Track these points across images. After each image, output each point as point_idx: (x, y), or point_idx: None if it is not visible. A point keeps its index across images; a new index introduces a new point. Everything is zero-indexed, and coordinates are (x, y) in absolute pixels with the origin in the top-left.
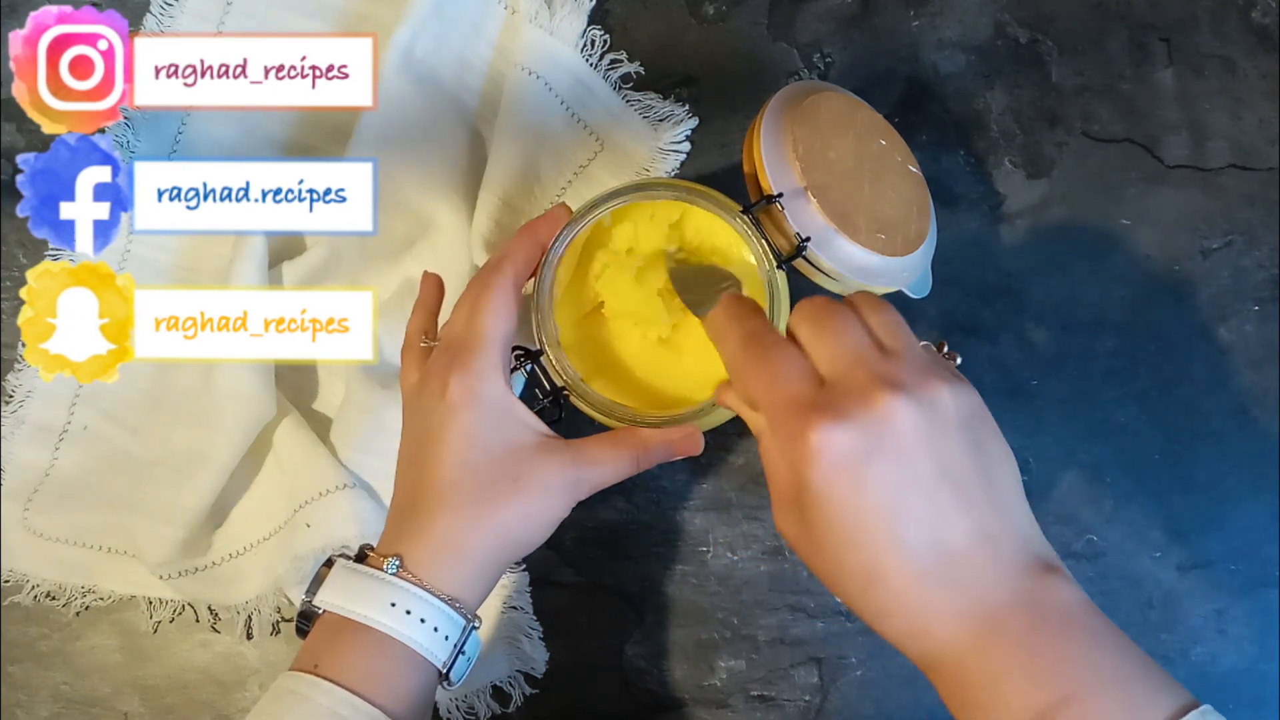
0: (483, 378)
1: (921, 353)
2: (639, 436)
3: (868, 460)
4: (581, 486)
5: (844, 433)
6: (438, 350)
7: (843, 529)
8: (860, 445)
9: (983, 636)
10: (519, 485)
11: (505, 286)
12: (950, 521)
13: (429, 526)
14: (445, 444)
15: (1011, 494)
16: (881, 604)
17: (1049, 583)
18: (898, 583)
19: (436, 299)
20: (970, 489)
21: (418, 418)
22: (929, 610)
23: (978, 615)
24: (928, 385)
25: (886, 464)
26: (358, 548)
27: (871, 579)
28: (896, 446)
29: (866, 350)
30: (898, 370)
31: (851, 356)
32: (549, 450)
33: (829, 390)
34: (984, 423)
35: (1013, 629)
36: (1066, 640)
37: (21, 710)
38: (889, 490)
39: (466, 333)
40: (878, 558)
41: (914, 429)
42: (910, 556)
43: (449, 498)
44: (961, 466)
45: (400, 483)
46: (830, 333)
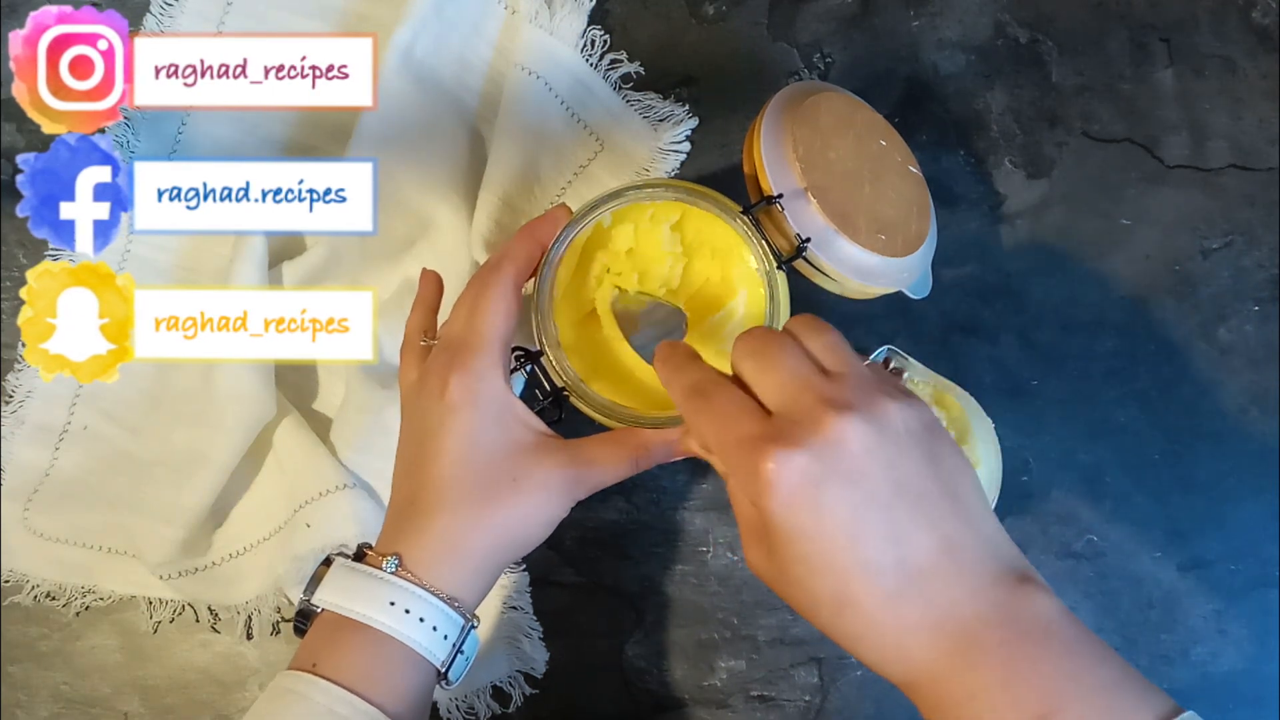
0: (482, 377)
1: (865, 371)
2: (638, 437)
3: (823, 484)
4: (580, 486)
5: (796, 460)
6: (437, 349)
7: (808, 557)
8: (814, 470)
9: (958, 652)
10: (518, 485)
11: (505, 286)
12: (912, 537)
13: (428, 525)
14: (444, 443)
15: (975, 505)
16: (854, 628)
17: (1023, 593)
18: (868, 605)
19: (436, 297)
20: (930, 503)
21: (416, 416)
22: (901, 629)
23: (951, 630)
24: (875, 403)
25: (841, 486)
26: (356, 547)
27: (842, 604)
28: (850, 467)
29: (809, 375)
30: (843, 391)
31: (795, 384)
32: (548, 450)
33: (777, 421)
34: (937, 436)
35: (988, 643)
36: (1044, 652)
37: (21, 710)
38: (847, 512)
39: (466, 332)
40: (845, 582)
41: (865, 448)
42: (877, 577)
43: (448, 497)
44: (918, 481)
45: (398, 482)
46: (770, 363)
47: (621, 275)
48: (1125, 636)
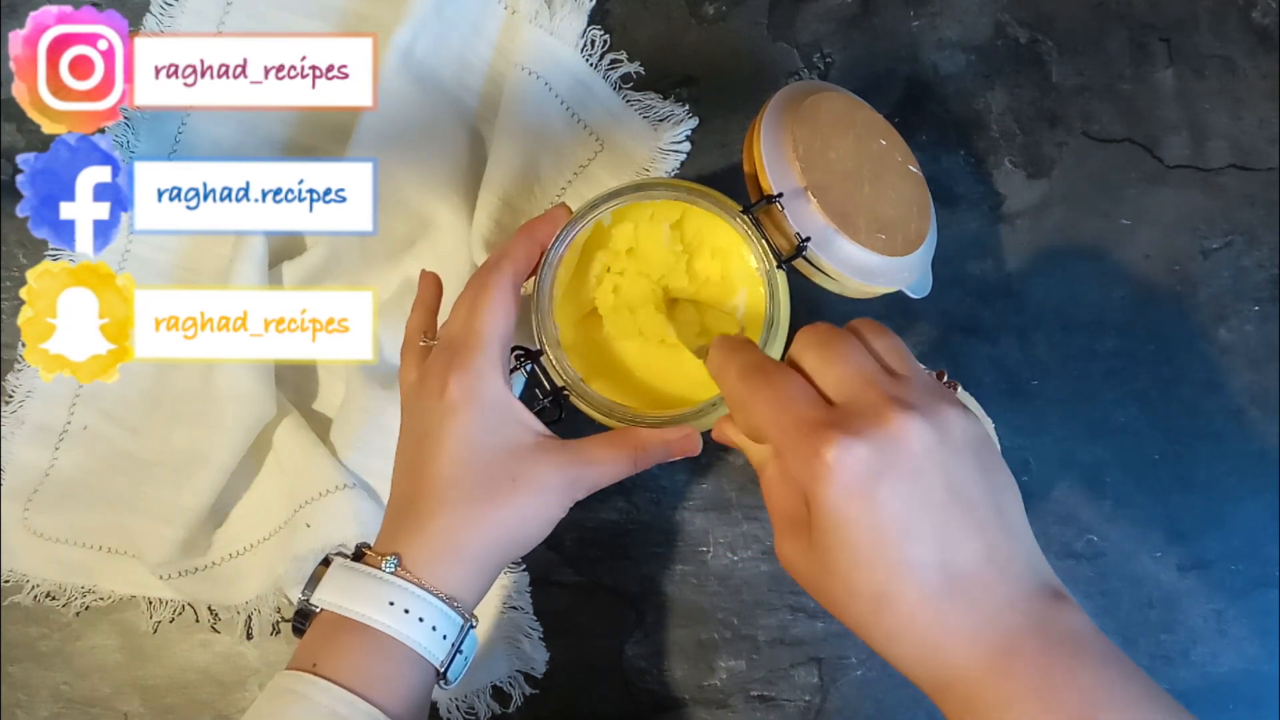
0: (482, 377)
1: (928, 378)
2: (637, 437)
3: (881, 476)
4: (579, 486)
5: (857, 449)
6: (437, 349)
7: (855, 548)
8: (873, 462)
9: (996, 659)
10: (517, 485)
11: (504, 286)
12: (960, 542)
13: (427, 525)
14: (443, 443)
15: (1019, 521)
16: (892, 627)
17: (1058, 608)
18: (908, 603)
19: (435, 297)
20: (979, 511)
21: (416, 416)
22: (941, 631)
23: (990, 637)
24: (937, 408)
25: (899, 482)
26: (355, 547)
27: (882, 599)
28: (909, 465)
29: (875, 372)
30: (907, 392)
31: (861, 378)
32: (547, 450)
33: (840, 410)
34: (990, 451)
35: (1026, 652)
36: (1079, 664)
37: (21, 710)
38: (900, 507)
39: (465, 332)
40: (889, 577)
41: (925, 448)
42: (921, 576)
43: (447, 496)
44: (971, 489)
45: (398, 481)
46: (837, 356)
47: (624, 274)
48: (1125, 636)
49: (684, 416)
